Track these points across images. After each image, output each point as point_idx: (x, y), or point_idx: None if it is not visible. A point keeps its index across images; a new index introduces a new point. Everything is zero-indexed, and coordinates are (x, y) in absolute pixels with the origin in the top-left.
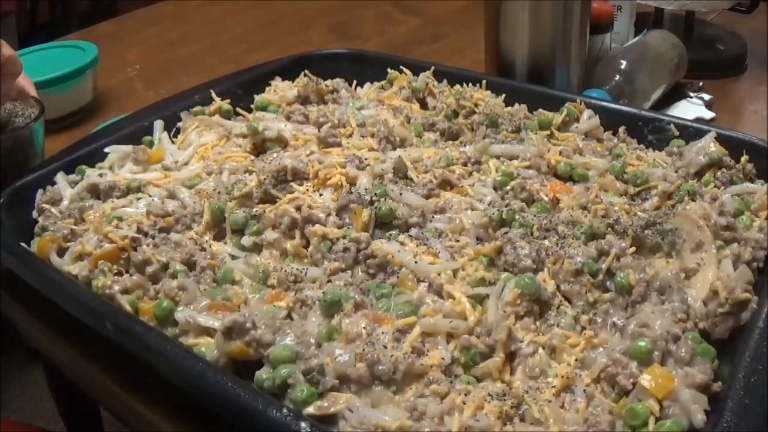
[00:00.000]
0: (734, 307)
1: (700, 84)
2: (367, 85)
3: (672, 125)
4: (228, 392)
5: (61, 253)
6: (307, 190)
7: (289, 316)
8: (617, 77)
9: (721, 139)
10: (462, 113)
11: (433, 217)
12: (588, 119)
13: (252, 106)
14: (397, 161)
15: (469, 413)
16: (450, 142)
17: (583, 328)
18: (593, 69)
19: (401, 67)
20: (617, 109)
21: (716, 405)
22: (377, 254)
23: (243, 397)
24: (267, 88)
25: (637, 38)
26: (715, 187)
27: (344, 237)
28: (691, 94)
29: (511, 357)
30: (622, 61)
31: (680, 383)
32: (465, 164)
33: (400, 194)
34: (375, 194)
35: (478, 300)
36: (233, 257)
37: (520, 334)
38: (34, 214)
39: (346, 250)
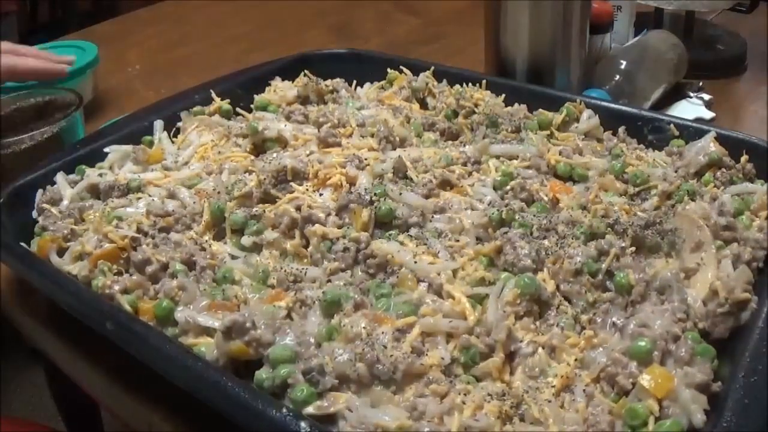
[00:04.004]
0: (734, 307)
1: (700, 84)
2: (367, 85)
3: (672, 125)
4: (228, 392)
5: (61, 253)
6: (307, 190)
7: (289, 316)
8: (617, 77)
9: (721, 139)
10: (462, 113)
11: (432, 217)
12: (588, 119)
13: (252, 106)
14: (396, 161)
15: (469, 413)
16: (450, 142)
17: (583, 328)
18: (593, 69)
19: (401, 67)
20: (617, 109)
21: (716, 405)
22: (377, 254)
23: (243, 397)
24: (267, 88)
25: (637, 38)
26: (715, 187)
27: (344, 237)
28: (691, 94)
29: (510, 357)
30: (622, 61)
31: (680, 383)
32: (465, 164)
33: (400, 194)
34: (375, 194)
35: (478, 300)
36: (233, 257)
37: (520, 334)
38: (34, 214)
39: (346, 250)
